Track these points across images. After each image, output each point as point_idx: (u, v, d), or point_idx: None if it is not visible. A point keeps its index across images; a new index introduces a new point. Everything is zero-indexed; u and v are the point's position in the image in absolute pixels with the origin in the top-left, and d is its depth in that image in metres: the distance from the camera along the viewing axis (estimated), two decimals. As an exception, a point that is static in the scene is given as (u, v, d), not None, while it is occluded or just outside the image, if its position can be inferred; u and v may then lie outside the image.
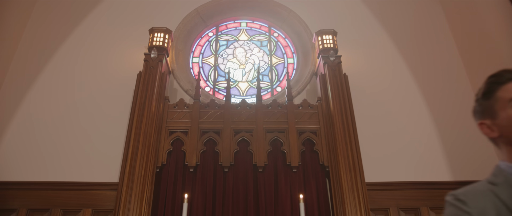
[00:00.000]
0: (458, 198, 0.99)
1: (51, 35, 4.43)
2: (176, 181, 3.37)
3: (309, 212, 3.31)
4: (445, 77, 4.38)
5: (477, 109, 1.12)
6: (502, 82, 1.05)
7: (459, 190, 1.03)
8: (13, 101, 3.97)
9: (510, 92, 1.02)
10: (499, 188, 0.96)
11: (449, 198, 1.03)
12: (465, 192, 1.01)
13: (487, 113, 1.07)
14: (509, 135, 1.01)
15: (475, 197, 0.97)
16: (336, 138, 3.49)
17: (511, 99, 1.01)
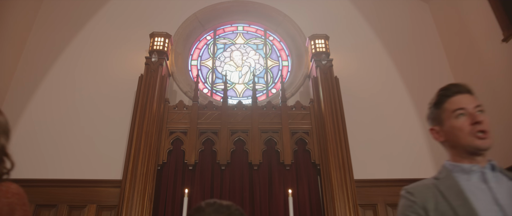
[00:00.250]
0: (408, 191, 1.21)
1: (55, 38, 4.62)
2: (176, 178, 3.58)
3: (301, 207, 3.53)
4: (431, 80, 4.59)
5: (429, 116, 1.33)
6: (449, 95, 1.26)
7: (411, 184, 1.25)
8: (20, 102, 4.17)
9: (454, 105, 1.23)
10: (440, 181, 1.18)
11: (402, 192, 1.24)
12: (414, 186, 1.22)
13: (436, 120, 1.28)
14: (451, 140, 1.22)
15: (420, 189, 1.19)
16: (327, 138, 3.70)
17: (454, 110, 1.22)
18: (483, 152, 1.18)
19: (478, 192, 1.10)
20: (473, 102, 1.24)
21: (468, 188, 1.12)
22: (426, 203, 1.14)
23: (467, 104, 1.22)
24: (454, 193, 1.12)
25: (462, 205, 1.07)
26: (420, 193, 1.18)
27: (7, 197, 1.09)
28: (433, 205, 1.13)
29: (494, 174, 1.15)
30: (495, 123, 3.95)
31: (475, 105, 1.22)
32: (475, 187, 1.12)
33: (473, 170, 1.16)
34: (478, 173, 1.15)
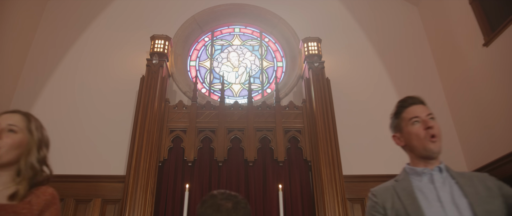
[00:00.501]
0: (372, 193, 1.45)
1: (60, 40, 4.82)
2: (176, 174, 3.82)
3: (294, 201, 3.78)
4: (418, 80, 4.83)
5: (391, 125, 1.56)
6: (405, 106, 1.50)
7: (376, 187, 1.48)
8: (27, 101, 4.38)
9: (410, 114, 1.46)
10: (398, 183, 1.41)
11: (369, 194, 1.48)
12: (377, 188, 1.46)
13: (397, 128, 1.51)
14: (409, 144, 1.45)
15: (381, 191, 1.43)
16: (317, 136, 3.94)
17: (410, 118, 1.45)
18: (435, 155, 1.41)
19: (426, 191, 1.34)
20: (426, 111, 1.47)
21: (418, 188, 1.35)
22: (385, 203, 1.38)
23: (420, 113, 1.45)
24: (406, 194, 1.35)
25: (411, 204, 1.31)
26: (381, 194, 1.42)
27: (45, 196, 1.31)
28: (390, 204, 1.36)
29: (441, 175, 1.38)
30: (476, 122, 4.21)
31: (427, 113, 1.45)
32: (424, 187, 1.35)
33: (424, 173, 1.39)
34: (428, 175, 1.38)
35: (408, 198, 1.32)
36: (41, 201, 1.28)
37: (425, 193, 1.33)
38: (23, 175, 1.31)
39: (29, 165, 1.34)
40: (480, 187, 1.29)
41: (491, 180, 1.34)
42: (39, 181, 1.35)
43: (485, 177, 1.36)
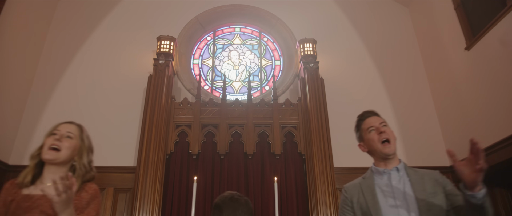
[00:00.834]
0: (344, 189, 1.80)
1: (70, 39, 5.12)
2: (182, 166, 4.19)
3: (289, 191, 4.16)
4: (407, 79, 5.17)
5: (356, 137, 1.91)
6: (363, 119, 1.84)
7: (348, 183, 1.84)
8: (43, 97, 4.72)
9: (367, 124, 1.80)
10: (364, 180, 1.77)
11: (342, 189, 1.83)
12: (349, 185, 1.81)
13: (360, 138, 1.86)
14: (371, 150, 1.79)
15: (351, 188, 1.78)
16: (311, 132, 4.31)
17: (367, 128, 1.79)
18: (390, 156, 1.74)
19: (384, 188, 1.68)
20: (379, 120, 1.81)
21: (378, 185, 1.70)
22: (352, 197, 1.73)
23: (374, 122, 1.79)
24: (369, 190, 1.70)
25: (371, 199, 1.66)
26: (350, 190, 1.77)
27: (91, 191, 1.67)
28: (356, 199, 1.71)
29: (398, 174, 1.72)
30: (458, 120, 4.57)
31: (380, 122, 1.79)
32: (383, 185, 1.69)
33: (384, 172, 1.73)
34: (387, 174, 1.73)
35: (370, 194, 1.67)
36: (88, 195, 1.64)
37: (383, 189, 1.68)
38: (78, 173, 1.66)
39: (82, 165, 1.69)
40: (428, 184, 1.64)
41: (439, 177, 1.69)
42: (87, 179, 1.71)
43: (435, 175, 1.70)
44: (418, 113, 4.93)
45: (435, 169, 4.23)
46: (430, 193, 1.60)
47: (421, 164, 4.60)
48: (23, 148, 4.42)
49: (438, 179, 1.68)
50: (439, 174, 1.74)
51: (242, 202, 1.73)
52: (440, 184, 1.65)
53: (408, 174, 1.72)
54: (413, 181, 1.67)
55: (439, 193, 1.61)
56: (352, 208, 1.71)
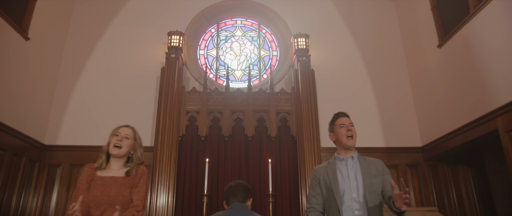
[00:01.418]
0: (314, 170, 2.53)
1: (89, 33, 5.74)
2: (192, 147, 4.95)
3: (283, 168, 4.93)
4: (391, 71, 5.83)
5: (329, 129, 2.61)
6: (338, 117, 2.54)
7: (317, 166, 2.57)
8: (69, 85, 5.41)
9: (340, 122, 2.48)
10: (329, 165, 2.49)
11: (313, 170, 2.57)
12: (318, 167, 2.54)
13: (331, 130, 2.56)
14: (338, 140, 2.48)
15: (319, 169, 2.51)
16: (302, 117, 5.03)
17: (339, 124, 2.48)
18: (351, 148, 2.45)
19: (342, 171, 2.40)
20: (349, 121, 2.50)
21: (338, 169, 2.42)
22: (320, 176, 2.47)
23: (345, 122, 2.49)
24: (332, 172, 2.43)
25: (333, 178, 2.39)
26: (318, 171, 2.50)
27: (141, 171, 2.40)
28: (323, 178, 2.45)
29: (353, 161, 2.42)
30: (430, 108, 5.28)
31: (349, 122, 2.49)
32: (342, 169, 2.41)
33: (344, 159, 2.45)
34: (345, 161, 2.45)
35: (332, 174, 2.41)
36: (140, 174, 2.38)
37: (342, 172, 2.40)
38: (134, 162, 2.39)
39: (136, 157, 2.42)
40: (372, 169, 2.37)
41: (380, 165, 2.42)
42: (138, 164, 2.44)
43: (377, 163, 2.43)
44: (397, 100, 5.65)
45: (409, 149, 5.02)
46: (373, 176, 2.34)
47: (397, 144, 5.42)
48: (56, 130, 5.17)
49: (379, 167, 2.41)
50: (381, 163, 2.46)
51: (240, 186, 2.48)
52: (381, 171, 2.39)
53: (359, 161, 2.44)
54: (362, 166, 2.39)
55: (379, 176, 2.35)
56: (319, 184, 2.45)
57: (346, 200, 2.30)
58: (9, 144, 4.22)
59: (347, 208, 2.28)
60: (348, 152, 2.47)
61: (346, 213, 2.26)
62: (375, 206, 2.27)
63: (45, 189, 4.83)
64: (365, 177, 2.33)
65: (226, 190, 2.50)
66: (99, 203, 2.24)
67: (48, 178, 4.90)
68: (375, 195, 2.30)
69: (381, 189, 2.33)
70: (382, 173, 2.38)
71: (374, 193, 2.31)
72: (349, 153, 2.46)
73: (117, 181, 2.30)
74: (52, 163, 4.97)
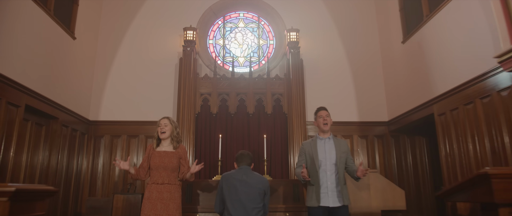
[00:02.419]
0: (302, 143, 3.88)
1: (118, 26, 6.93)
2: (206, 121, 6.33)
3: (277, 140, 6.33)
4: (368, 59, 7.07)
5: (314, 117, 3.93)
6: (319, 110, 3.84)
7: (305, 141, 3.94)
8: (104, 70, 6.69)
9: (320, 114, 3.74)
10: (312, 141, 3.76)
11: (301, 144, 3.93)
12: (305, 141, 3.87)
13: (315, 119, 3.85)
14: (318, 126, 3.79)
15: (306, 143, 3.83)
16: (292, 98, 6.35)
17: (319, 115, 3.75)
18: (326, 132, 3.76)
19: (320, 147, 3.69)
20: (325, 113, 3.76)
21: (318, 145, 3.71)
22: (305, 149, 3.78)
23: (323, 114, 3.76)
24: (314, 146, 3.72)
25: (314, 151, 3.67)
26: (305, 145, 3.81)
27: (182, 148, 3.76)
28: (308, 150, 3.76)
29: (328, 141, 3.71)
30: (396, 91, 6.59)
31: (326, 114, 3.79)
32: (320, 145, 3.69)
33: (322, 139, 3.75)
34: (323, 140, 3.76)
35: (313, 148, 3.71)
36: (181, 149, 3.75)
37: (319, 147, 3.72)
38: (176, 140, 3.75)
39: (174, 136, 3.76)
40: (342, 147, 3.67)
41: (346, 145, 3.75)
42: (178, 141, 3.80)
43: (344, 143, 3.74)
44: (371, 84, 6.94)
45: (378, 123, 6.49)
46: (342, 151, 3.67)
47: (368, 119, 6.79)
48: (97, 107, 6.53)
49: (345, 147, 3.74)
50: (346, 143, 3.80)
51: (245, 154, 3.83)
52: (346, 149, 3.72)
53: (333, 141, 3.76)
54: (335, 144, 3.70)
55: (345, 153, 3.68)
56: (305, 155, 3.77)
57: (322, 165, 3.59)
58: (68, 121, 5.60)
59: (323, 171, 3.60)
60: (325, 134, 3.75)
61: (322, 174, 3.58)
62: (341, 170, 3.61)
63: (93, 154, 6.28)
64: (337, 152, 3.64)
65: (237, 156, 3.83)
66: (157, 167, 3.62)
67: (94, 146, 6.33)
68: (341, 164, 3.61)
69: (345, 161, 3.67)
70: (347, 151, 3.73)
71: (341, 162, 3.63)
72: (326, 135, 3.74)
73: (168, 154, 3.67)
74: (97, 135, 6.38)
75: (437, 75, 5.17)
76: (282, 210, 4.48)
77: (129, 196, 4.50)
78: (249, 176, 3.54)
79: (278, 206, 4.55)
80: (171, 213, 3.52)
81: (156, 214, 3.49)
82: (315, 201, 3.43)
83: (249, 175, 3.56)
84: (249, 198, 3.45)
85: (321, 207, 3.41)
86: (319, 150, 3.64)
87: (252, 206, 3.41)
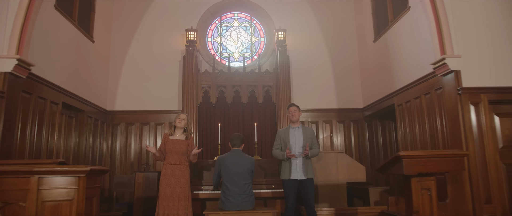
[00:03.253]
0: (278, 131, 5.02)
1: (127, 25, 7.94)
2: (206, 110, 7.45)
3: (267, 125, 7.47)
4: (347, 55, 8.13)
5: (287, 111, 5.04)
6: (289, 107, 4.95)
7: (280, 129, 5.08)
8: (117, 71, 7.74)
9: (289, 110, 4.86)
10: (286, 129, 4.88)
11: (277, 131, 5.07)
12: (280, 129, 5.02)
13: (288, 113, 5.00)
14: (289, 118, 4.95)
15: (281, 131, 4.94)
16: (280, 90, 7.45)
17: (289, 110, 4.92)
18: (295, 123, 4.87)
19: (291, 134, 4.78)
20: (294, 109, 4.81)
21: (290, 133, 4.80)
22: (280, 135, 4.88)
23: (291, 110, 4.78)
24: (287, 133, 4.81)
25: (286, 137, 4.77)
26: (280, 132, 4.92)
27: (192, 139, 4.88)
28: (282, 136, 4.86)
29: (298, 129, 4.82)
30: (369, 82, 7.69)
31: (294, 110, 4.87)
32: (291, 133, 4.77)
33: (293, 128, 4.86)
34: (294, 129, 4.86)
35: (287, 135, 4.81)
36: (191, 140, 4.87)
37: (290, 134, 4.83)
38: (188, 131, 4.87)
39: (189, 128, 4.88)
40: (308, 134, 4.79)
41: (311, 131, 4.88)
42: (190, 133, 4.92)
43: (310, 130, 4.88)
44: (348, 76, 8.03)
45: (354, 109, 7.75)
46: (308, 137, 4.78)
47: (346, 106, 7.91)
48: (113, 99, 7.61)
49: (311, 132, 4.88)
50: (312, 130, 4.94)
51: (236, 136, 4.94)
52: (312, 134, 4.85)
53: (302, 129, 4.89)
54: (303, 132, 4.82)
55: (311, 138, 4.80)
56: (280, 139, 4.91)
57: (293, 148, 4.68)
58: (91, 112, 6.71)
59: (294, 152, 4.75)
60: (295, 124, 4.88)
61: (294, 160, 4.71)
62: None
63: (112, 139, 7.42)
64: (304, 138, 4.76)
65: (231, 138, 4.94)
66: (171, 151, 4.74)
67: (112, 132, 7.46)
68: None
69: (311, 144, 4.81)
70: (312, 136, 4.86)
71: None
72: (296, 124, 4.87)
73: (179, 141, 4.77)
74: (114, 123, 7.50)
75: (397, 72, 6.26)
76: (269, 183, 5.65)
77: (147, 173, 5.65)
78: (240, 159, 4.66)
79: (265, 179, 5.72)
80: (183, 186, 4.66)
81: (171, 187, 4.64)
82: (287, 175, 4.58)
83: (240, 158, 4.68)
84: (240, 177, 4.58)
85: (292, 179, 4.56)
86: (290, 137, 4.76)
87: (243, 182, 4.56)
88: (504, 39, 4.73)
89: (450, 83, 4.66)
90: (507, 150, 4.53)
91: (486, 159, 4.37)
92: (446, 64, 4.58)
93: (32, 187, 2.84)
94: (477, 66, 4.58)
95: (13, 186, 2.86)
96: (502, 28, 4.76)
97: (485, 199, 4.26)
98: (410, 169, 3.46)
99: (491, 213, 4.19)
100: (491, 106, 4.57)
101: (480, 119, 4.49)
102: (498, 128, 4.57)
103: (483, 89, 4.54)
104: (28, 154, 4.64)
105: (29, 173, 2.85)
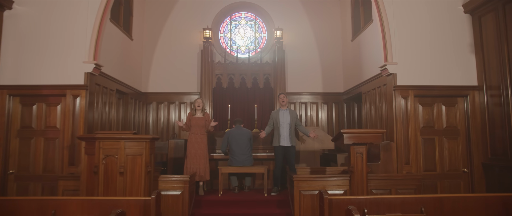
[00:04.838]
0: (272, 113, 7.10)
1: (156, 25, 9.95)
2: (219, 93, 9.56)
3: (266, 105, 9.56)
4: (333, 50, 10.04)
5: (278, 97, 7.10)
6: (279, 95, 7.02)
7: (273, 110, 7.18)
8: (149, 60, 9.82)
9: (279, 97, 6.97)
10: (277, 111, 6.97)
11: (271, 113, 7.16)
12: (273, 111, 7.10)
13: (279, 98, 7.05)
14: (279, 103, 7.03)
15: (274, 112, 7.02)
16: (277, 77, 9.47)
17: (279, 97, 6.99)
18: (284, 105, 6.90)
19: (280, 115, 6.79)
20: (283, 96, 6.93)
21: (280, 114, 6.82)
22: (273, 116, 6.92)
23: (281, 97, 6.91)
24: (277, 114, 6.81)
25: (277, 117, 6.78)
26: (273, 113, 6.95)
27: (208, 115, 6.99)
28: (274, 116, 6.90)
29: (286, 112, 6.84)
30: (349, 72, 9.66)
31: (283, 97, 6.91)
32: (281, 114, 6.77)
33: (283, 110, 6.89)
34: (283, 111, 6.89)
35: (277, 116, 6.85)
36: (207, 116, 6.99)
37: (280, 115, 6.88)
38: (204, 111, 6.99)
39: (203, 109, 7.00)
40: (293, 115, 6.87)
41: (295, 113, 6.94)
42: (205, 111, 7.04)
43: (294, 112, 6.94)
44: (333, 65, 9.99)
45: (336, 94, 10.06)
46: (293, 117, 6.88)
47: (330, 90, 9.94)
48: (146, 83, 9.76)
49: (295, 114, 6.95)
50: (296, 113, 7.03)
51: (238, 120, 7.07)
52: (296, 115, 6.93)
53: (289, 111, 6.95)
54: (290, 114, 6.88)
55: (295, 118, 6.90)
56: (272, 120, 6.99)
57: (282, 124, 6.81)
58: (132, 94, 8.87)
59: (282, 127, 6.80)
60: (284, 107, 6.96)
61: (281, 129, 6.75)
62: (292, 127, 6.84)
63: (146, 115, 9.62)
64: (290, 118, 6.86)
65: (234, 121, 7.07)
66: (194, 125, 6.87)
67: (146, 109, 9.65)
68: (292, 124, 6.84)
69: (295, 123, 6.89)
70: (296, 117, 6.94)
71: (292, 123, 6.85)
72: (285, 107, 6.95)
73: (200, 118, 6.87)
74: (147, 102, 9.68)
75: (364, 68, 8.22)
76: (264, 148, 7.81)
77: (177, 140, 7.84)
78: (242, 130, 6.87)
79: (262, 146, 7.87)
80: (202, 150, 6.84)
81: (195, 149, 6.81)
82: (277, 142, 6.73)
83: (242, 130, 6.89)
84: (243, 142, 6.78)
85: (280, 146, 6.71)
86: (280, 117, 6.85)
87: (245, 146, 6.75)
88: (429, 51, 6.61)
89: (390, 82, 6.64)
90: (426, 129, 6.56)
91: (408, 134, 6.41)
92: (387, 68, 6.55)
93: (121, 147, 5.00)
94: (407, 70, 6.52)
95: (110, 146, 5.02)
96: (428, 43, 6.62)
97: (405, 161, 6.34)
98: (348, 140, 5.54)
99: (408, 170, 6.28)
100: (416, 98, 6.56)
101: (407, 107, 6.49)
102: (421, 114, 6.58)
103: (411, 87, 6.50)
104: (100, 124, 6.86)
105: (119, 139, 5.02)
